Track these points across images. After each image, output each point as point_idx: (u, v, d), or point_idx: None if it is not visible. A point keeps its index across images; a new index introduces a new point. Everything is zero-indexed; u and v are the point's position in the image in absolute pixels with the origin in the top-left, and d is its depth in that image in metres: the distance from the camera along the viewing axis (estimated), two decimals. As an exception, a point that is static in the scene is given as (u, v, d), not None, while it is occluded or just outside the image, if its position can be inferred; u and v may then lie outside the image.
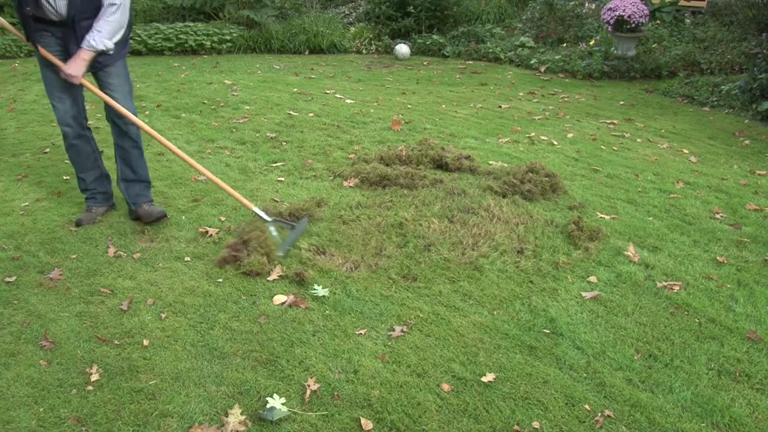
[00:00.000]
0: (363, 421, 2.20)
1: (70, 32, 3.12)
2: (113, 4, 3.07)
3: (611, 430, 2.21)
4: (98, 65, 3.23)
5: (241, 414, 2.20)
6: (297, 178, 4.30)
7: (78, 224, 3.56)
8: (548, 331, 2.73)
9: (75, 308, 2.81)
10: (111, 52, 3.20)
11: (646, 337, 2.71)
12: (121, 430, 2.15)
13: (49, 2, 3.05)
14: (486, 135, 5.44)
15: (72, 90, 3.31)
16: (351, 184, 4.21)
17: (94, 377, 2.38)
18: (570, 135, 5.51)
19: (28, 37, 3.18)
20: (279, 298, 2.90)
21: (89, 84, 3.24)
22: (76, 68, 3.12)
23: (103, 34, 3.09)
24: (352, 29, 10.04)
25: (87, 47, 3.10)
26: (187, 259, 3.24)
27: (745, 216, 3.94)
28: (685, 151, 5.21)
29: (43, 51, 3.17)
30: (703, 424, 2.24)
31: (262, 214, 3.36)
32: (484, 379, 2.42)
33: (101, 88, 3.32)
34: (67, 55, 3.17)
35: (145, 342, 2.59)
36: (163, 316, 2.77)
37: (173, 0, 9.25)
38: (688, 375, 2.48)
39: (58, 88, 3.28)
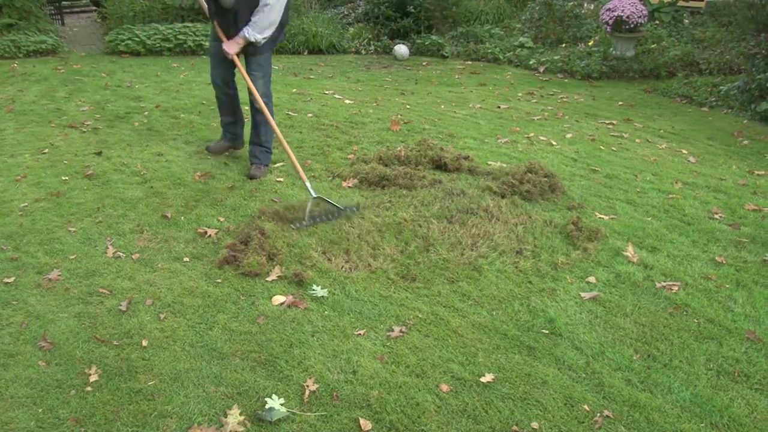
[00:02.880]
0: (362, 421, 2.20)
1: (232, 19, 3.94)
2: (267, 4, 3.80)
3: (610, 430, 2.21)
4: (250, 52, 4.06)
5: (240, 414, 2.20)
6: (296, 178, 4.29)
7: (207, 150, 4.66)
8: (547, 332, 2.73)
9: (74, 309, 2.81)
10: (259, 45, 3.98)
11: (645, 337, 2.71)
12: (120, 431, 2.15)
13: None
14: (485, 135, 5.44)
15: (225, 62, 4.13)
16: (350, 185, 4.21)
17: (93, 378, 2.38)
18: (569, 135, 5.52)
19: (210, 17, 4.09)
20: (278, 299, 2.91)
21: (239, 63, 4.07)
22: (231, 46, 3.97)
23: (256, 28, 3.88)
24: (351, 30, 10.03)
25: (242, 36, 3.92)
26: (186, 259, 3.24)
27: (743, 216, 3.94)
28: (684, 151, 5.21)
29: (217, 27, 4.06)
30: (702, 425, 2.25)
31: (310, 188, 3.71)
32: (482, 379, 2.42)
33: (247, 70, 4.13)
34: (227, 36, 4.03)
35: (144, 342, 2.59)
36: (162, 316, 2.77)
37: (172, 0, 9.24)
38: (687, 375, 2.49)
39: (214, 59, 4.25)
